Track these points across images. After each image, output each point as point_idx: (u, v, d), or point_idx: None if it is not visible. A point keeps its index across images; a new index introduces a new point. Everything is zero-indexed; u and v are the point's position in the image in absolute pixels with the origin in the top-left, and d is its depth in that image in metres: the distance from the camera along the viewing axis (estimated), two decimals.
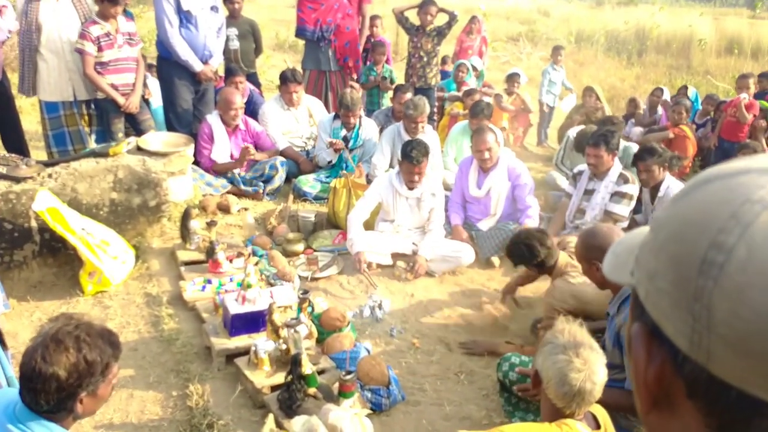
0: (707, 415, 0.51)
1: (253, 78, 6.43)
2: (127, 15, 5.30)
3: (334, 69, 6.35)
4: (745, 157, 0.54)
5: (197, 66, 5.19)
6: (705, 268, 0.48)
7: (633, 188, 4.41)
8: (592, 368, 1.87)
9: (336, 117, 5.47)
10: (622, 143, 5.57)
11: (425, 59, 6.55)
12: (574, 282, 3.20)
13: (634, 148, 5.41)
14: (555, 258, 3.33)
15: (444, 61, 8.09)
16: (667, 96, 7.34)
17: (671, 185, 4.54)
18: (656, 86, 7.84)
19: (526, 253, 3.30)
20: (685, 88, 7.87)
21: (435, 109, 6.84)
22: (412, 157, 4.15)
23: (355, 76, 6.70)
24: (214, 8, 5.22)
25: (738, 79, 7.05)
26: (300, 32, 6.29)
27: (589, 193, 4.54)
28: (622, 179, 4.41)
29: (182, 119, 5.37)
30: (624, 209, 4.41)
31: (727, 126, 6.69)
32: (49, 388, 1.59)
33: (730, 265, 0.47)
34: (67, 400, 1.64)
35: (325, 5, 6.10)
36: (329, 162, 5.46)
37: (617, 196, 4.41)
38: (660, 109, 7.29)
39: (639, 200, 5.12)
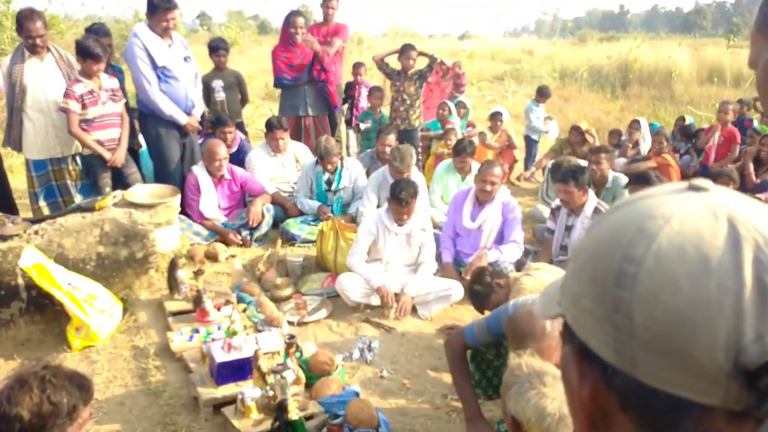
0: (640, 425, 0.53)
1: (240, 128, 6.52)
2: (115, 70, 5.40)
3: (312, 114, 6.49)
4: (649, 187, 0.59)
5: (182, 119, 5.20)
6: (620, 279, 0.52)
7: None
8: (562, 390, 1.87)
9: (317, 162, 5.54)
10: (611, 174, 5.63)
11: (408, 102, 6.67)
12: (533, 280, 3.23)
13: (623, 178, 5.47)
14: (498, 296, 3.33)
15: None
16: (645, 127, 7.47)
17: None
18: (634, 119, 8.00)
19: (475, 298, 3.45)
20: (683, 118, 8.36)
21: (420, 149, 6.94)
22: (401, 199, 4.19)
23: (339, 108, 6.84)
24: (187, 58, 5.25)
25: (720, 106, 7.21)
26: (278, 82, 6.45)
27: (569, 229, 4.58)
28: (597, 214, 4.44)
29: (174, 173, 5.31)
30: None
31: (709, 153, 6.80)
32: (12, 429, 1.57)
33: (642, 273, 0.50)
34: None
35: (300, 53, 6.27)
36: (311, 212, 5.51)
37: None
38: (641, 141, 7.40)
39: None
